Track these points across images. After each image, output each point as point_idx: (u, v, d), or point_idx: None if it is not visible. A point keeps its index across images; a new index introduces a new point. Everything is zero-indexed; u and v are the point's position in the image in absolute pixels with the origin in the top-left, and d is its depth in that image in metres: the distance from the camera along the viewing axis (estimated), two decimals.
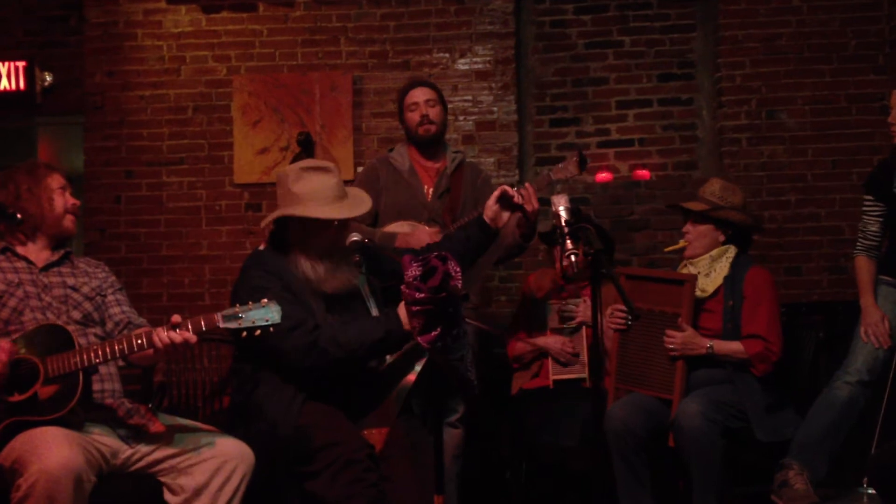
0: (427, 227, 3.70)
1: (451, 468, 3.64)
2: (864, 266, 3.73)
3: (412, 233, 3.66)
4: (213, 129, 5.29)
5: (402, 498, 2.87)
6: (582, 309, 3.90)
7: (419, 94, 3.87)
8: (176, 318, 2.66)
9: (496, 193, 3.13)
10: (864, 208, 3.76)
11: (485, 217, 3.14)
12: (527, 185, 3.18)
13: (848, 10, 5.00)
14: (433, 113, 3.85)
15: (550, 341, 3.90)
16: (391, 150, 4.07)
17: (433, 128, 3.85)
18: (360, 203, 3.06)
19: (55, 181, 3.05)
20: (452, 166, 3.89)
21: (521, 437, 3.85)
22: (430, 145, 3.90)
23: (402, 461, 2.94)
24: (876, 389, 3.57)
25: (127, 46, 5.31)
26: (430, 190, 3.83)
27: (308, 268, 2.98)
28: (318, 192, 2.96)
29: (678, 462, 3.46)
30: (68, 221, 3.06)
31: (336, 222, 2.97)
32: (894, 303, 3.62)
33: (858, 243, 3.77)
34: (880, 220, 3.71)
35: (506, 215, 3.13)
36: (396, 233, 3.67)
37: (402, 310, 2.81)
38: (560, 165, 3.56)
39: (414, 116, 3.84)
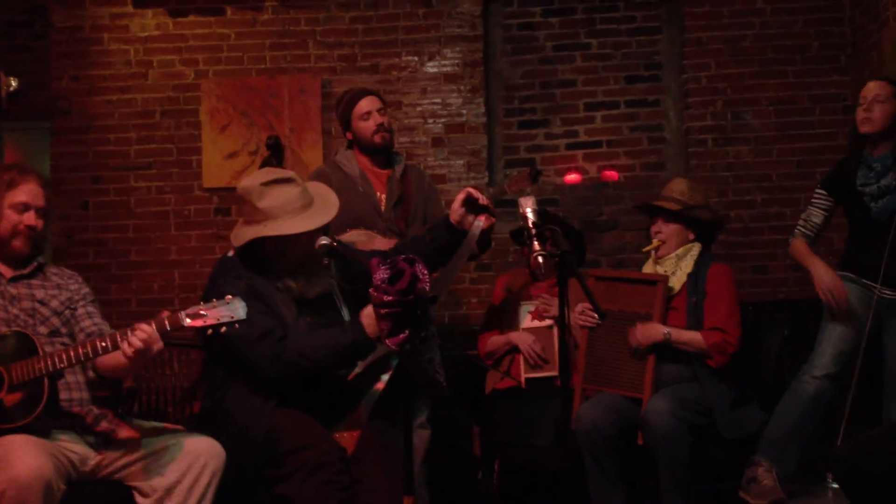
0: (384, 239, 3.69)
1: (421, 470, 3.65)
2: (801, 244, 3.82)
3: (369, 242, 3.65)
4: (181, 134, 5.26)
5: (372, 500, 2.88)
6: (556, 305, 3.93)
7: (370, 104, 3.84)
8: (164, 313, 2.66)
9: (461, 196, 3.16)
10: (814, 200, 3.86)
11: (451, 220, 3.18)
12: (468, 189, 3.22)
13: (810, 12, 5.07)
14: (386, 121, 3.85)
15: (521, 337, 3.92)
16: (335, 153, 4.04)
17: (388, 135, 3.85)
18: (326, 204, 3.06)
19: (17, 195, 2.93)
20: (400, 171, 3.90)
21: (494, 436, 3.87)
22: (383, 153, 3.89)
23: (373, 464, 2.96)
24: (843, 382, 3.62)
25: (93, 51, 5.28)
26: (384, 197, 3.82)
27: (288, 280, 2.99)
28: (286, 206, 2.95)
29: (648, 460, 3.49)
30: (18, 242, 2.94)
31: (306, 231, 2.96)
32: (857, 297, 3.68)
33: (797, 229, 3.86)
34: (826, 213, 3.83)
35: (471, 218, 3.16)
36: (354, 241, 3.66)
37: (365, 316, 2.83)
38: (514, 179, 3.63)
39: (369, 125, 3.82)
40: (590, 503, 3.54)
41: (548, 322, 3.92)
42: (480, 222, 3.10)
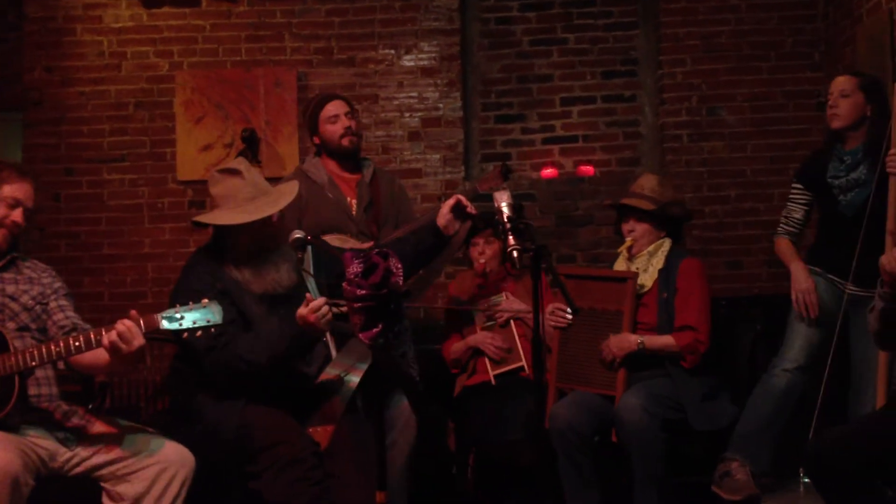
0: (358, 242, 3.68)
1: (404, 467, 3.65)
2: (786, 245, 3.84)
3: (344, 246, 3.64)
4: (155, 126, 5.22)
5: (347, 495, 2.89)
6: (505, 304, 3.93)
7: (337, 107, 3.80)
8: (133, 314, 2.64)
9: (451, 202, 3.25)
10: (791, 195, 3.86)
11: (438, 224, 3.24)
12: (458, 196, 3.28)
13: (785, 9, 5.10)
14: (353, 124, 3.82)
15: (480, 338, 3.92)
16: (302, 162, 4.01)
17: (356, 139, 3.82)
18: (278, 198, 3.06)
19: (11, 191, 2.93)
20: (369, 175, 3.88)
21: (467, 432, 3.87)
22: (351, 157, 3.86)
23: (347, 459, 2.96)
24: (814, 375, 3.64)
25: (66, 42, 5.22)
26: (354, 202, 3.80)
27: (234, 270, 3.02)
28: (229, 196, 3.00)
29: (622, 457, 3.50)
30: None
31: (253, 224, 2.97)
32: (825, 291, 3.70)
33: (780, 227, 3.87)
34: (805, 208, 3.83)
35: (458, 224, 3.26)
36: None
37: (301, 309, 2.84)
38: (485, 177, 3.65)
39: (336, 129, 3.78)
40: (564, 500, 3.55)
41: (503, 319, 3.92)
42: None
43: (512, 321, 3.90)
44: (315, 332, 2.88)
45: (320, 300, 2.83)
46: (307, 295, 2.87)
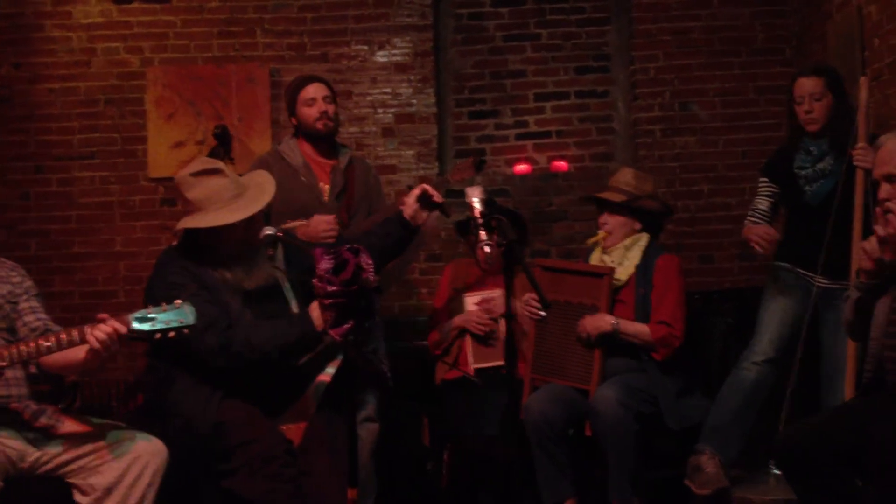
0: (323, 215, 3.65)
1: (369, 464, 3.64)
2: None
3: (309, 222, 3.62)
4: (125, 123, 5.18)
5: (319, 492, 2.87)
6: (499, 301, 3.93)
7: (316, 90, 3.80)
8: (103, 316, 2.61)
9: (416, 192, 3.22)
10: (758, 189, 3.91)
11: (405, 215, 3.21)
12: (423, 185, 3.26)
13: (756, 4, 5.13)
14: (331, 109, 3.81)
15: (466, 316, 3.92)
16: (279, 143, 4.00)
17: (332, 123, 3.81)
18: (260, 194, 3.03)
19: None
20: (344, 161, 3.87)
21: (443, 427, 3.87)
22: (326, 142, 3.85)
23: (320, 455, 2.94)
24: (784, 367, 3.67)
25: (35, 38, 5.16)
26: (327, 188, 3.79)
27: (226, 272, 2.97)
28: (213, 197, 2.94)
29: (596, 450, 3.51)
30: None
31: (239, 222, 2.94)
32: (795, 286, 3.73)
33: (747, 220, 3.90)
34: (771, 199, 3.87)
35: (424, 214, 3.22)
36: (295, 226, 3.62)
37: (314, 309, 2.82)
38: (457, 167, 3.64)
39: (312, 112, 3.78)
40: (538, 493, 3.56)
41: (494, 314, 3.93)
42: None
43: (500, 319, 3.90)
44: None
45: None
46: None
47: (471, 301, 3.99)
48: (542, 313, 3.63)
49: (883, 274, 2.79)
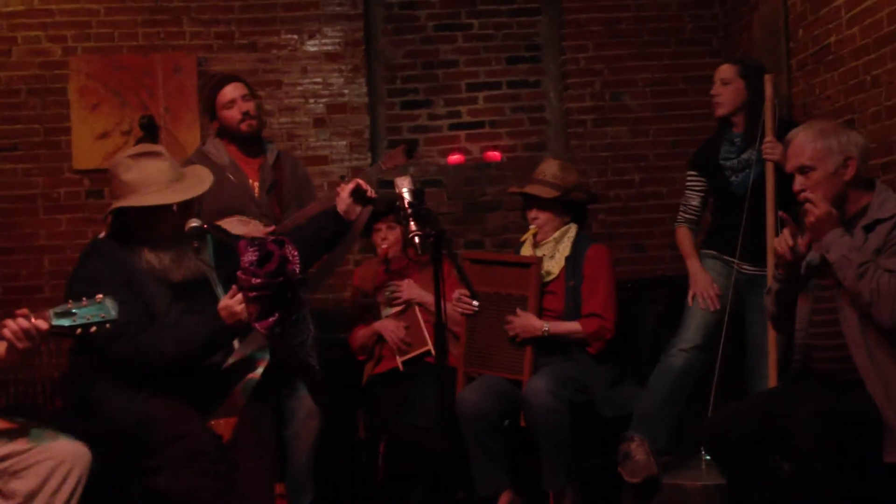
0: (261, 226, 3.62)
1: (308, 462, 3.62)
2: (685, 235, 3.95)
3: (244, 228, 3.57)
4: (48, 114, 5.03)
5: (248, 487, 2.83)
6: (406, 288, 3.93)
7: (233, 91, 3.73)
8: (23, 311, 2.51)
9: (350, 186, 3.21)
10: (687, 183, 3.97)
11: (338, 210, 3.20)
12: (357, 180, 3.25)
13: None
14: (251, 108, 3.75)
15: (385, 325, 3.92)
16: (203, 144, 3.92)
17: (255, 122, 3.76)
18: (198, 182, 2.98)
19: None
20: (272, 157, 3.83)
21: (376, 420, 3.85)
22: (252, 141, 3.80)
23: (249, 450, 2.90)
24: (712, 354, 3.72)
25: None
26: (257, 185, 3.75)
27: (153, 258, 2.90)
28: (151, 179, 2.87)
29: (531, 440, 3.53)
30: None
31: (175, 207, 2.89)
32: (720, 273, 3.80)
33: (680, 216, 3.98)
34: (701, 194, 3.93)
35: (358, 208, 3.21)
36: (230, 229, 3.56)
37: (223, 305, 2.77)
38: (389, 154, 3.62)
39: (234, 114, 3.72)
40: (473, 484, 3.56)
41: (402, 301, 3.93)
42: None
43: (416, 306, 3.90)
44: (240, 325, 2.79)
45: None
46: (234, 286, 2.77)
47: (382, 298, 3.98)
48: (475, 305, 3.63)
49: (799, 264, 2.85)
